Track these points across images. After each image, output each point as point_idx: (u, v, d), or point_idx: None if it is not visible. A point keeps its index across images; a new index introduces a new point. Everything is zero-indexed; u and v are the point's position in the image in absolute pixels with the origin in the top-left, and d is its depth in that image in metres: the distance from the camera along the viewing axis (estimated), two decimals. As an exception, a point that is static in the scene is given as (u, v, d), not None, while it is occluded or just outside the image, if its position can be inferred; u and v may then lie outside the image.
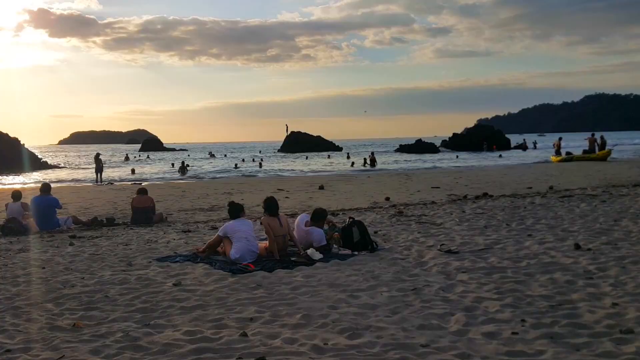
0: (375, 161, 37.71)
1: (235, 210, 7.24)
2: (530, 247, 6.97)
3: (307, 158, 56.71)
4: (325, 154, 64.82)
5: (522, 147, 62.75)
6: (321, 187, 19.41)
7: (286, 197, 16.34)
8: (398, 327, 4.24)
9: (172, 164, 43.08)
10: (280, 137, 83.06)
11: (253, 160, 52.10)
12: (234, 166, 39.55)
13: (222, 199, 16.78)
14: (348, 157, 53.84)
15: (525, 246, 7.02)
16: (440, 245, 7.22)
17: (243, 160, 52.96)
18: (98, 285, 5.79)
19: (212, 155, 65.37)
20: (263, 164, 44.94)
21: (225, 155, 61.98)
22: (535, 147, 65.55)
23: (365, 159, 38.68)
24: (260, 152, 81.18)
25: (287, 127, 75.77)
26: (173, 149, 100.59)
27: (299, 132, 76.63)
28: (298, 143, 73.46)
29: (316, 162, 47.21)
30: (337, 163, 44.35)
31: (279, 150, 77.94)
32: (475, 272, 5.81)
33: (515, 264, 6.13)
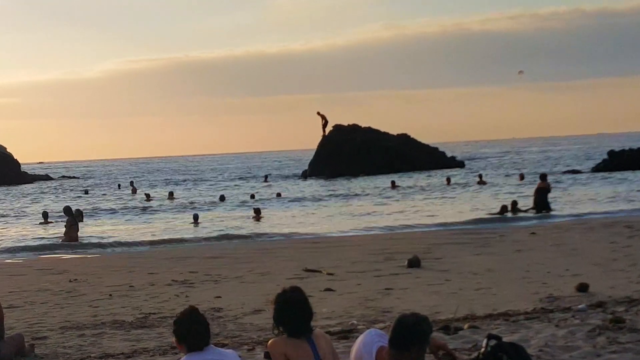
0: (547, 196, 36.75)
1: (194, 331, 7.43)
2: None
3: (394, 187, 56.18)
4: (426, 175, 64.99)
5: None
6: (413, 263, 19.82)
7: (328, 290, 16.78)
8: None
9: (44, 215, 43.74)
10: (309, 140, 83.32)
11: (253, 197, 52.78)
12: (192, 220, 39.88)
13: (166, 296, 16.97)
14: (481, 184, 54.43)
15: None
16: None
17: (222, 198, 53.50)
18: None
19: (145, 194, 65.83)
20: (268, 206, 45.23)
21: (171, 195, 62.09)
22: None
23: (533, 205, 36.99)
24: (266, 178, 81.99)
25: (323, 121, 76.26)
26: (46, 177, 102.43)
27: (354, 127, 77.39)
28: (351, 153, 74.22)
29: (400, 199, 47.44)
30: (452, 204, 44.12)
31: (305, 174, 78.72)
32: None
33: None
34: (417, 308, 12.66)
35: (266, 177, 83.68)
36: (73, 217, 34.04)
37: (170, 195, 60.05)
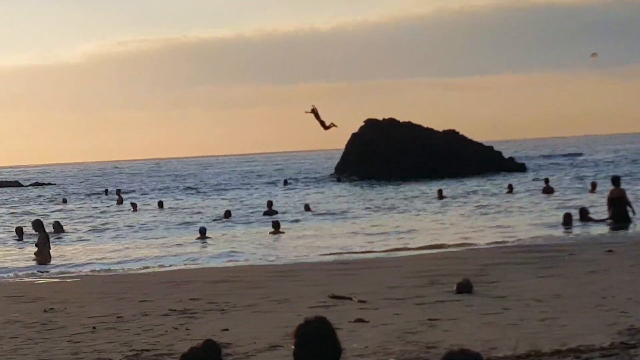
0: (626, 205, 35.60)
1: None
2: None
3: (441, 197, 55.94)
4: (480, 180, 65.71)
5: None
6: (463, 287, 19.66)
7: (359, 321, 16.62)
8: None
9: (18, 232, 43.30)
10: (335, 139, 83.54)
11: (270, 208, 51.92)
12: (198, 235, 39.22)
13: (162, 329, 16.88)
14: (547, 191, 55.05)
15: None
16: None
17: (227, 214, 53.12)
18: None
19: (131, 204, 65.87)
20: (289, 219, 45.29)
21: (161, 205, 62.18)
22: None
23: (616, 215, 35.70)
24: (286, 182, 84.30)
25: (314, 114, 77.50)
26: (15, 184, 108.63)
27: (391, 122, 77.80)
28: (387, 153, 73.85)
29: (447, 210, 47.85)
30: (510, 216, 43.61)
31: (333, 177, 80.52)
32: None
33: None
34: (468, 343, 12.64)
35: (285, 181, 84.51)
36: (46, 233, 33.49)
37: (160, 205, 60.97)
